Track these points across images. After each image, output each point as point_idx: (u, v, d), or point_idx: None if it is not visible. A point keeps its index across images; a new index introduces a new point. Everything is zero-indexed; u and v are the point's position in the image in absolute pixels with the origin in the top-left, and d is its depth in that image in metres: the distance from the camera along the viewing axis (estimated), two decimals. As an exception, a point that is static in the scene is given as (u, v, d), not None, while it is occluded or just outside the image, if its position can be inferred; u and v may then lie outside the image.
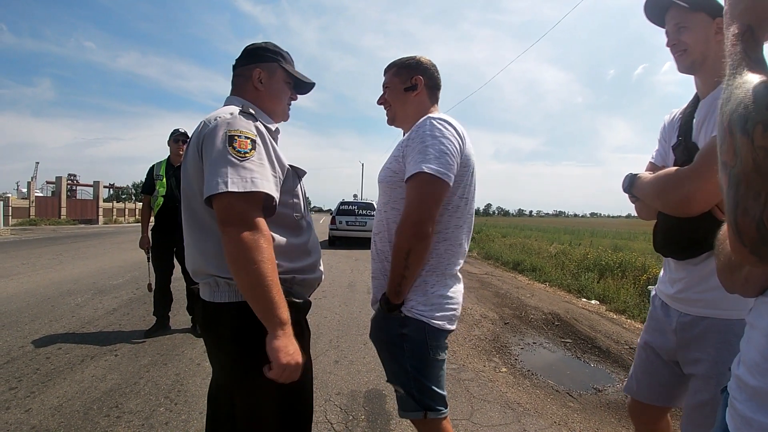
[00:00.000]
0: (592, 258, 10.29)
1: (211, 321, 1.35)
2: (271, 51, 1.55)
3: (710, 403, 1.39)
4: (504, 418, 2.87)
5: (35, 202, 27.44)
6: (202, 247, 1.33)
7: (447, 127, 1.51)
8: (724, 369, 1.38)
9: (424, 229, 1.43)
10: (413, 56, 1.75)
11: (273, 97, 1.55)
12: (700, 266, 1.43)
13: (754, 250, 0.56)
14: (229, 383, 1.40)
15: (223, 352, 1.36)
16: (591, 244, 15.02)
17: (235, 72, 1.56)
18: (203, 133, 1.28)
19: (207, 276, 1.32)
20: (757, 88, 0.57)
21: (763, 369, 0.65)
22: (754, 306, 0.72)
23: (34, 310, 5.14)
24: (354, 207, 15.71)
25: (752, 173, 0.54)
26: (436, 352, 1.54)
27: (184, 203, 1.38)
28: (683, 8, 1.41)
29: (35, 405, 2.81)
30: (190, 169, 1.32)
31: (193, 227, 1.36)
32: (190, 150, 1.34)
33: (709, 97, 1.43)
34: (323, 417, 2.78)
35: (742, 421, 0.68)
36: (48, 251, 11.40)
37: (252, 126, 1.32)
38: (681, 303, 1.51)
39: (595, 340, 4.73)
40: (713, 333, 1.40)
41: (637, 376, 1.70)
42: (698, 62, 1.42)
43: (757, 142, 0.54)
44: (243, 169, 1.21)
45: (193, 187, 1.31)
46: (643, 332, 1.72)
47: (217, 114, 1.32)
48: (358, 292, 6.91)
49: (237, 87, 1.55)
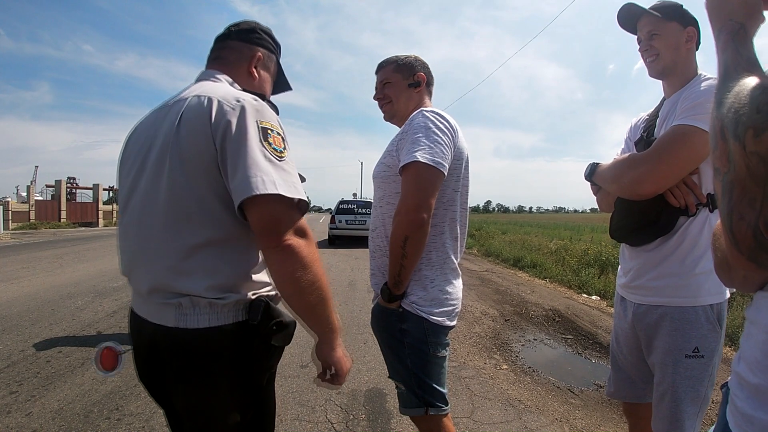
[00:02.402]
0: (593, 253, 10.27)
1: (184, 351, 1.03)
2: (274, 40, 1.37)
3: (668, 393, 1.43)
4: (505, 415, 2.87)
5: (35, 205, 27.45)
6: (182, 258, 1.02)
7: (440, 119, 1.52)
8: (680, 357, 1.41)
9: (419, 216, 1.42)
10: (409, 55, 1.76)
11: (261, 91, 1.33)
12: (653, 252, 1.48)
13: (752, 257, 0.55)
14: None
15: (207, 385, 1.04)
16: (591, 240, 15.01)
17: (224, 44, 1.29)
18: (220, 115, 1.01)
19: (176, 296, 1.02)
20: (747, 92, 0.56)
21: (764, 366, 0.64)
22: (754, 301, 0.72)
23: (35, 314, 5.14)
24: (353, 206, 15.68)
25: (746, 179, 0.53)
26: (437, 348, 1.53)
27: (155, 200, 1.06)
28: (656, 17, 1.48)
29: (36, 409, 2.81)
30: (190, 153, 1.02)
31: (170, 232, 1.04)
32: (186, 129, 1.03)
33: (673, 96, 1.51)
34: (324, 417, 2.77)
35: (742, 419, 0.67)
36: (48, 255, 11.40)
37: (276, 118, 1.11)
38: (634, 292, 1.55)
39: (596, 336, 4.73)
40: (667, 321, 1.44)
41: (613, 377, 1.74)
42: (669, 68, 1.51)
43: (749, 147, 0.53)
44: (284, 171, 1.01)
45: (193, 179, 1.02)
46: (612, 331, 1.76)
47: (231, 93, 1.06)
48: (359, 290, 6.91)
49: (226, 62, 1.27)
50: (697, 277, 1.40)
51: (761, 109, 0.53)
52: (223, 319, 1.03)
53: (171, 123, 1.05)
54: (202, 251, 1.03)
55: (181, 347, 1.02)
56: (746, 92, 0.56)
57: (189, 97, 1.07)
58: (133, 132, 1.23)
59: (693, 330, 1.40)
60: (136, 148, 1.15)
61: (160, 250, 1.05)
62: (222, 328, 1.03)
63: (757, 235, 0.53)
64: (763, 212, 0.52)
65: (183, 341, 1.02)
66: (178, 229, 1.03)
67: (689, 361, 1.40)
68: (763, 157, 0.52)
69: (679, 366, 1.41)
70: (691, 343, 1.39)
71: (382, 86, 1.76)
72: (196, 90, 1.10)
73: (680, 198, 1.37)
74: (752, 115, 0.54)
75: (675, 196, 1.38)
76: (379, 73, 1.78)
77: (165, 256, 1.04)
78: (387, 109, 1.77)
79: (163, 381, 1.10)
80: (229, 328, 1.03)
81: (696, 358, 1.39)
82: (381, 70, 1.77)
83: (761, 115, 0.53)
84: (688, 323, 1.40)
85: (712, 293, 1.40)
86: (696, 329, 1.39)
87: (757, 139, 0.52)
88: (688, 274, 1.40)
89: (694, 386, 1.40)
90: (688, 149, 1.32)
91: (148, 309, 1.09)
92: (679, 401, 1.40)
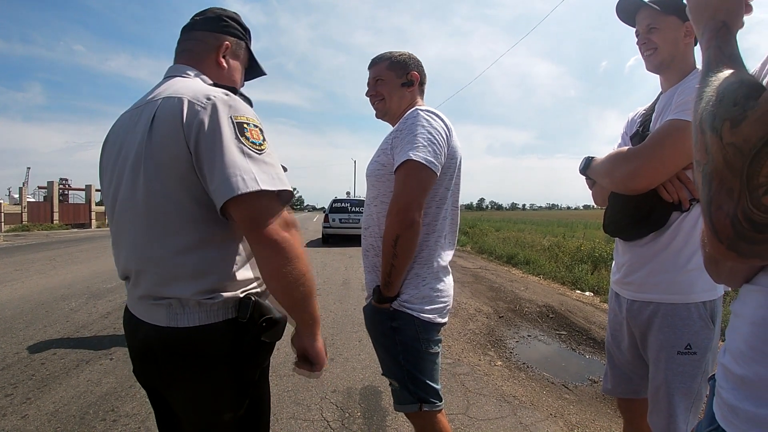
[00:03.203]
0: (586, 250, 10.34)
1: (176, 349, 1.04)
2: (242, 26, 1.32)
3: (662, 388, 1.45)
4: (500, 411, 2.89)
5: (27, 207, 27.16)
6: (167, 265, 1.04)
7: (435, 119, 1.53)
8: (671, 353, 1.43)
9: (411, 215, 1.43)
10: (403, 52, 1.75)
11: (231, 82, 1.30)
12: (645, 247, 1.49)
13: (731, 246, 0.56)
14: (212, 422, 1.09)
15: (200, 382, 1.06)
16: (584, 236, 15.08)
17: (190, 35, 1.26)
18: (191, 115, 0.99)
19: (163, 298, 1.04)
20: (724, 85, 0.58)
21: (748, 357, 0.65)
22: (739, 295, 0.73)
23: (29, 316, 5.11)
24: (347, 204, 15.66)
25: (724, 170, 0.54)
26: (429, 345, 1.55)
27: (136, 208, 1.06)
28: (655, 10, 1.47)
29: (32, 411, 2.81)
30: (164, 159, 1.00)
31: (153, 239, 1.04)
32: (159, 134, 1.01)
33: (669, 91, 1.51)
34: (319, 415, 2.78)
35: (728, 410, 0.68)
36: (41, 256, 11.31)
37: (251, 111, 1.09)
38: (627, 288, 1.56)
39: (589, 332, 4.77)
40: (659, 317, 1.45)
41: (609, 373, 1.74)
42: (666, 62, 1.50)
43: (726, 138, 0.54)
44: (264, 164, 1.01)
45: (168, 184, 1.01)
46: (607, 327, 1.76)
47: (202, 91, 1.04)
48: (353, 289, 6.91)
49: (193, 54, 1.24)
50: (690, 273, 1.40)
51: (738, 101, 0.55)
52: (213, 317, 1.04)
53: (143, 128, 1.04)
54: (185, 256, 1.03)
55: (174, 346, 1.04)
56: (724, 86, 0.58)
57: (159, 99, 1.06)
58: (107, 138, 1.22)
59: (685, 327, 1.40)
60: (112, 156, 1.15)
61: (145, 258, 1.06)
62: (212, 325, 1.04)
63: (735, 224, 0.54)
64: (740, 202, 0.53)
65: (175, 340, 1.03)
66: (159, 237, 1.04)
67: (681, 357, 1.41)
68: (740, 148, 0.53)
69: (671, 362, 1.42)
70: (683, 339, 1.40)
71: (375, 83, 1.75)
72: (166, 90, 1.09)
73: (673, 193, 1.37)
74: (729, 108, 0.55)
75: (668, 191, 1.37)
76: (372, 69, 1.77)
77: (151, 264, 1.05)
78: (379, 107, 1.76)
79: (158, 379, 1.12)
80: (219, 326, 1.05)
81: (688, 354, 1.40)
82: (374, 67, 1.76)
83: (737, 108, 0.54)
84: (680, 320, 1.41)
85: (705, 290, 1.40)
86: (688, 326, 1.40)
87: (733, 130, 0.54)
88: (680, 271, 1.41)
89: (686, 382, 1.41)
90: (682, 144, 1.31)
91: (140, 309, 1.10)
92: (672, 396, 1.42)
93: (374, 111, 1.80)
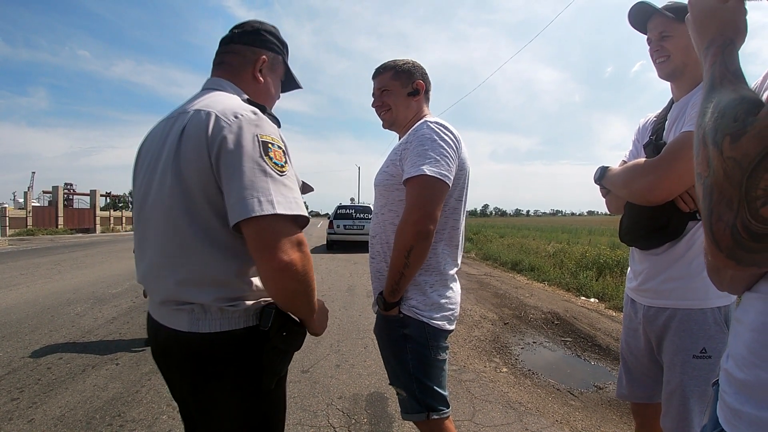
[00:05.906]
0: (591, 256, 10.32)
1: (196, 354, 1.05)
2: (279, 40, 1.31)
3: (677, 391, 1.46)
4: (506, 417, 2.88)
5: (32, 212, 27.34)
6: (189, 273, 1.04)
7: (445, 131, 1.54)
8: (687, 357, 1.44)
9: (426, 228, 1.45)
10: (407, 60, 1.75)
11: (267, 96, 1.30)
12: (662, 256, 1.50)
13: (730, 254, 0.59)
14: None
15: (217, 388, 1.07)
16: (589, 243, 15.06)
17: (228, 48, 1.25)
18: (216, 131, 1.00)
19: (185, 304, 1.05)
20: (726, 101, 0.61)
21: (750, 362, 0.68)
22: (741, 302, 0.76)
23: (34, 321, 5.14)
24: (351, 211, 15.67)
25: (724, 182, 0.57)
26: (437, 352, 1.56)
27: (161, 215, 1.07)
28: (668, 17, 1.47)
29: (38, 415, 2.82)
30: (186, 172, 1.02)
31: (176, 247, 1.05)
32: (186, 147, 1.03)
33: (682, 100, 1.51)
34: (326, 421, 2.78)
35: (731, 413, 0.70)
36: (46, 261, 11.37)
37: (277, 132, 1.08)
38: (644, 295, 1.57)
39: (594, 338, 4.75)
40: (675, 322, 1.46)
41: (623, 378, 1.75)
42: (679, 70, 1.50)
43: (726, 152, 0.57)
44: (284, 186, 0.99)
45: (192, 195, 1.02)
46: (621, 333, 1.77)
47: (230, 107, 1.04)
48: (358, 295, 6.92)
49: (230, 68, 1.24)
50: (705, 280, 1.40)
51: (738, 117, 0.58)
52: (234, 324, 1.05)
53: (174, 139, 1.06)
54: (208, 266, 1.04)
55: (194, 350, 1.05)
56: (726, 102, 0.61)
57: (191, 111, 1.07)
58: (142, 145, 1.25)
59: (700, 331, 1.42)
60: (146, 160, 1.17)
61: (167, 264, 1.07)
62: (233, 332, 1.05)
63: (734, 234, 0.57)
64: (739, 213, 0.56)
65: (196, 345, 1.04)
66: (183, 244, 1.04)
67: (697, 361, 1.42)
68: (739, 162, 0.55)
69: (686, 366, 1.43)
70: (699, 343, 1.42)
71: (380, 93, 1.75)
72: (199, 102, 1.10)
73: (690, 203, 1.38)
74: (730, 123, 0.58)
75: (685, 201, 1.38)
76: (376, 79, 1.77)
77: (173, 271, 1.06)
78: (386, 117, 1.76)
79: (179, 382, 1.14)
80: (240, 333, 1.06)
81: (704, 358, 1.41)
82: (378, 77, 1.76)
83: (738, 123, 0.57)
84: (695, 324, 1.42)
85: (720, 296, 1.41)
86: (703, 330, 1.42)
87: (733, 145, 0.56)
88: (695, 278, 1.42)
89: (701, 386, 1.42)
90: None
91: (162, 314, 1.11)
92: (687, 400, 1.43)
93: (381, 121, 1.80)
